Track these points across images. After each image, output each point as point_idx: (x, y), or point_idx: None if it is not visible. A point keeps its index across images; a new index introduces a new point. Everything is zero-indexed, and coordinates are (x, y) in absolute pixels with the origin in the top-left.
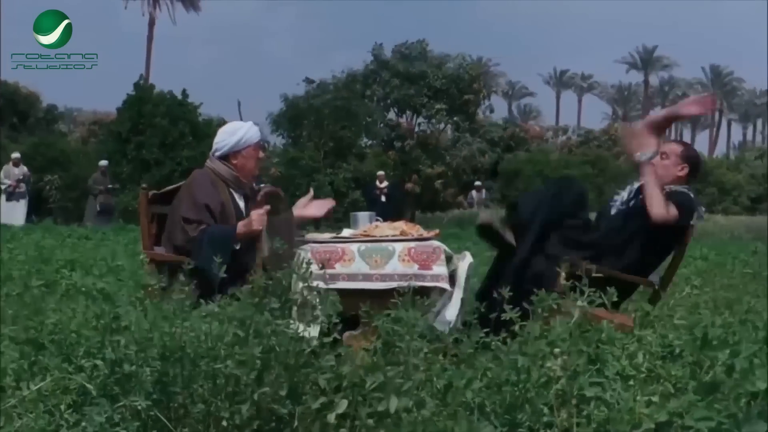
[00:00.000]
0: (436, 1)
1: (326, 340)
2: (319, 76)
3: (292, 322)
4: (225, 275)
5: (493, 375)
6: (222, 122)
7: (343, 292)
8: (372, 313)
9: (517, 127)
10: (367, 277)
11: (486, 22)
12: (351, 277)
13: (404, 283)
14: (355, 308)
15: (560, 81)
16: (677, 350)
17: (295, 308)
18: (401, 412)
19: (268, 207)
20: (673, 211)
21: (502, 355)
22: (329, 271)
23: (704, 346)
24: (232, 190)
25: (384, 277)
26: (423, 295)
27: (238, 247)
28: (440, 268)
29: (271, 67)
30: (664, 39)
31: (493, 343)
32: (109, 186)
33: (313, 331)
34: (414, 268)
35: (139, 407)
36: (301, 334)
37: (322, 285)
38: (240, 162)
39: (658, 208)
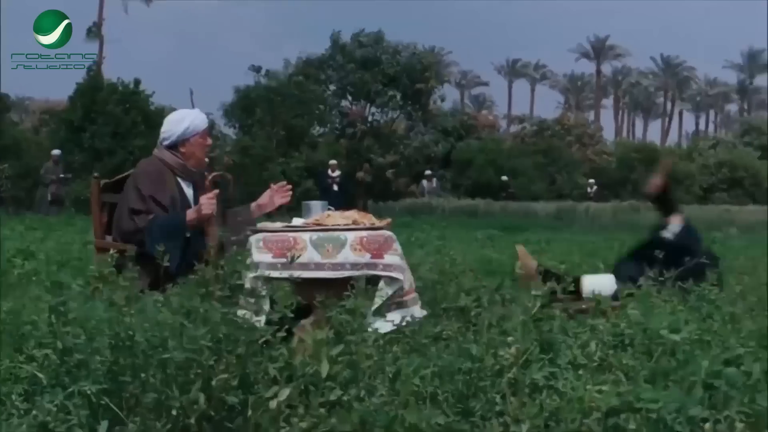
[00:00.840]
0: None
1: (279, 333)
2: (273, 67)
3: (241, 312)
4: (171, 263)
5: (445, 363)
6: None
7: (295, 281)
8: (326, 302)
9: (467, 116)
10: (319, 266)
11: (439, 11)
12: (303, 266)
13: (356, 273)
14: (307, 297)
15: (513, 70)
16: (628, 339)
17: (242, 297)
18: (353, 401)
19: (216, 191)
20: None
21: (454, 343)
22: (281, 260)
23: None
24: (179, 179)
25: (336, 267)
26: (375, 284)
27: (188, 235)
28: (392, 258)
29: (225, 57)
30: (616, 28)
31: (445, 332)
32: (62, 175)
33: (260, 320)
34: (366, 258)
35: (90, 394)
36: (251, 323)
37: (274, 274)
38: (188, 150)
39: None
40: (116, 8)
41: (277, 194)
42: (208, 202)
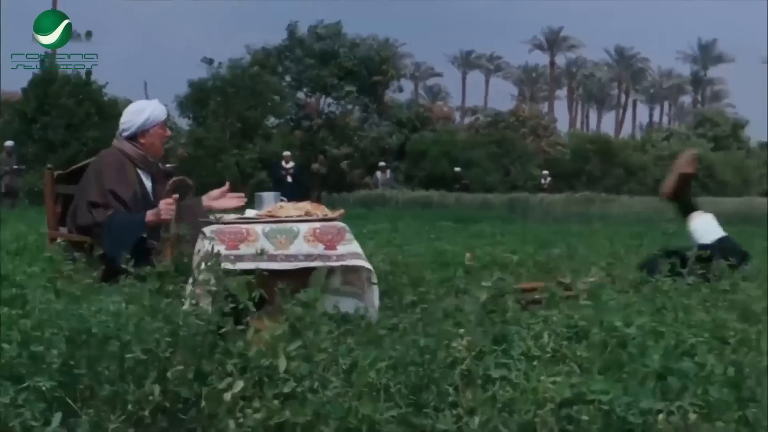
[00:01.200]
0: None
1: (237, 326)
2: (225, 57)
3: (189, 301)
4: (129, 258)
5: (399, 355)
6: (128, 103)
7: (249, 273)
8: (282, 292)
9: (422, 108)
10: (272, 258)
11: (394, 3)
12: (256, 257)
13: (310, 263)
14: (263, 287)
15: (467, 62)
16: (582, 331)
17: (189, 287)
18: (306, 393)
19: (176, 196)
20: None
21: (407, 336)
22: (233, 252)
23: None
24: (139, 170)
25: (289, 258)
26: (329, 275)
27: (145, 235)
28: (345, 247)
29: (179, 49)
30: (570, 20)
31: (401, 324)
32: (15, 167)
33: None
34: (320, 249)
35: (44, 388)
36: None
37: (227, 266)
38: (148, 141)
39: None
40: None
41: (230, 196)
42: (167, 208)
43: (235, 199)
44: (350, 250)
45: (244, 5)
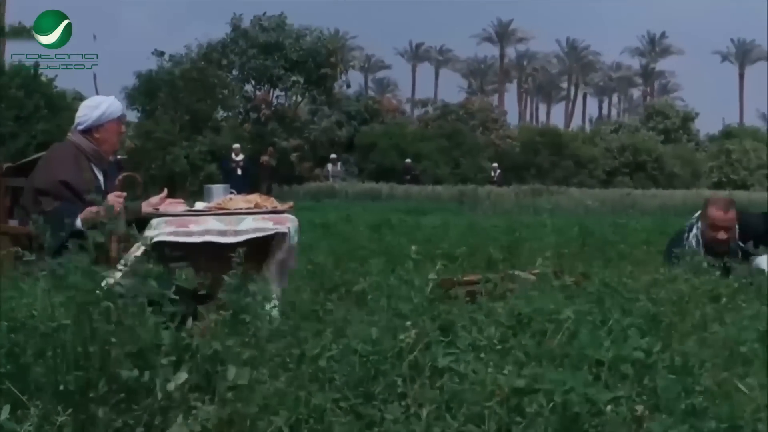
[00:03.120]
0: None
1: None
2: (174, 49)
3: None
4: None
5: (346, 346)
6: (78, 95)
7: (199, 261)
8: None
9: (371, 100)
10: (222, 233)
11: None
12: (206, 232)
13: (260, 234)
14: (209, 282)
15: (416, 54)
16: (525, 320)
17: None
18: (254, 384)
19: (125, 194)
20: None
21: (353, 326)
22: (183, 229)
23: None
24: (93, 165)
25: (239, 233)
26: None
27: (83, 228)
28: (292, 225)
29: (126, 40)
30: (520, 12)
31: (348, 315)
32: None
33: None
34: (269, 224)
35: None
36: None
37: (179, 239)
38: (102, 136)
39: None
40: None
41: (168, 202)
42: (114, 200)
43: (174, 205)
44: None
45: None
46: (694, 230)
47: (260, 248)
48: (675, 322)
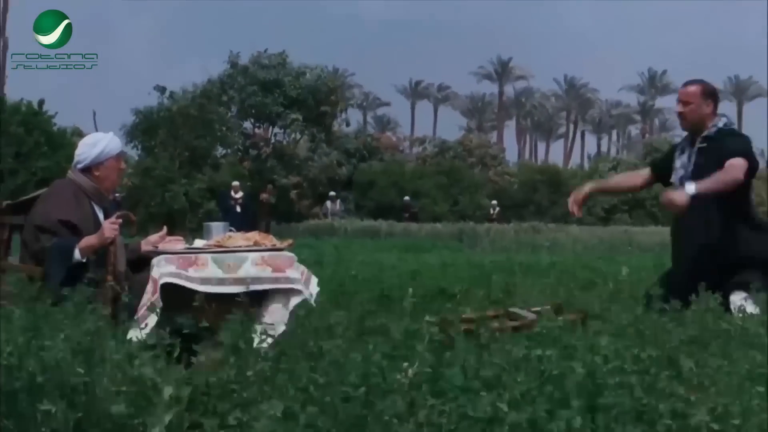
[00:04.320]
0: (289, 11)
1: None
2: (173, 86)
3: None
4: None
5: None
6: (77, 132)
7: (202, 299)
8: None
9: (370, 138)
10: (221, 281)
11: (342, 33)
12: (206, 281)
13: (258, 287)
14: (214, 317)
15: (415, 92)
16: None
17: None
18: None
19: (120, 220)
20: (741, 163)
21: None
22: (184, 271)
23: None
24: (93, 203)
25: (238, 281)
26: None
27: (83, 260)
28: (294, 273)
29: (125, 77)
30: (519, 50)
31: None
32: None
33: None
34: (267, 272)
35: None
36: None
37: (179, 281)
38: (102, 174)
39: (731, 178)
40: (16, 24)
41: (168, 240)
42: (110, 227)
43: (174, 243)
44: (297, 276)
45: (189, 33)
46: None
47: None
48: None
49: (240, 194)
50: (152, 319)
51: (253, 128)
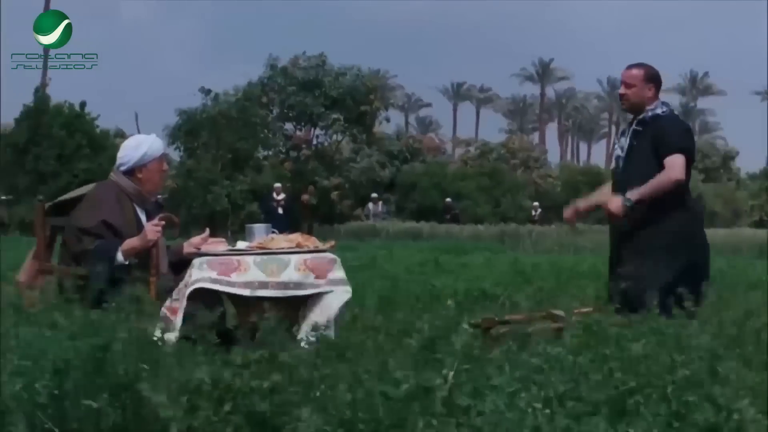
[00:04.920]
0: (332, 12)
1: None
2: (215, 88)
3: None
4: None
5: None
6: (120, 134)
7: (240, 301)
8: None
9: (412, 140)
10: (263, 285)
11: (384, 35)
12: (247, 284)
13: (300, 292)
14: (252, 317)
15: (457, 93)
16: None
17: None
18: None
19: (163, 222)
20: (680, 162)
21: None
22: (225, 277)
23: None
24: (136, 205)
25: (280, 285)
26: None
27: (126, 262)
28: (335, 274)
29: (168, 79)
30: (561, 51)
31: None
32: (2, 197)
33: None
34: (310, 278)
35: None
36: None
37: (219, 288)
38: (145, 176)
39: (672, 181)
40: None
41: (210, 242)
42: (152, 229)
43: (216, 244)
44: (339, 277)
45: (230, 35)
46: None
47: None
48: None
49: (282, 196)
50: (178, 322)
51: (294, 130)
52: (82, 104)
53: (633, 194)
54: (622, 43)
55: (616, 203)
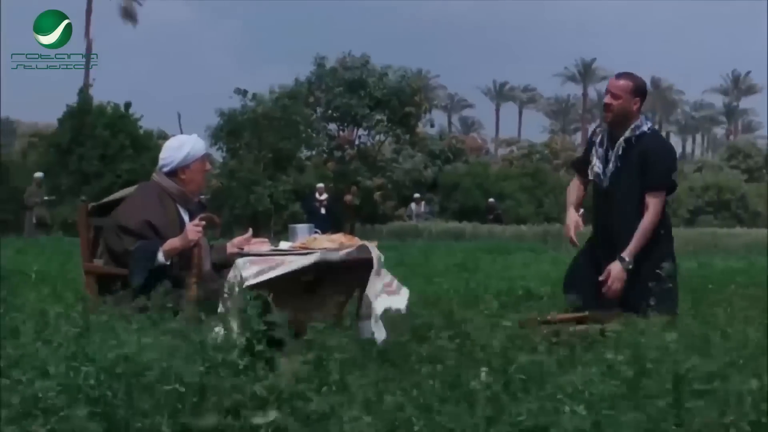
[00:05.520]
0: (375, 14)
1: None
2: (257, 88)
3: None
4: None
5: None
6: (162, 134)
7: (284, 298)
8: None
9: (455, 140)
10: (307, 268)
11: (423, 33)
12: (291, 263)
13: (343, 253)
14: (300, 318)
15: (500, 93)
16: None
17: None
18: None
19: (204, 222)
20: (660, 199)
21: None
22: (267, 265)
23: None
24: (178, 206)
25: (311, 254)
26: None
27: (167, 262)
28: (375, 252)
29: (210, 80)
30: (603, 50)
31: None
32: (45, 198)
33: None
34: (353, 254)
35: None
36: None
37: (264, 278)
38: (188, 176)
39: (653, 223)
40: (101, 29)
41: (253, 242)
42: (193, 229)
43: (259, 244)
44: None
45: (272, 36)
46: None
47: (347, 286)
48: None
49: (325, 196)
50: (234, 324)
51: (337, 130)
52: (127, 105)
53: (628, 254)
54: (664, 42)
55: (618, 274)
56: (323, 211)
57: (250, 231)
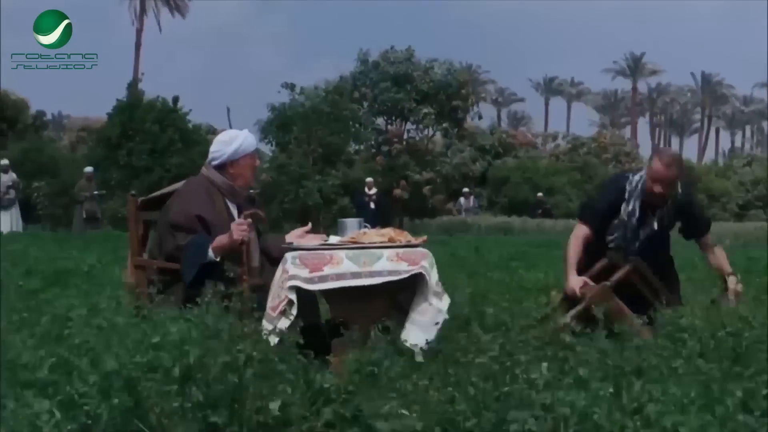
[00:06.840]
0: (424, 8)
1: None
2: (304, 83)
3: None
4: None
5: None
6: (211, 129)
7: (333, 295)
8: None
9: (505, 134)
10: (356, 275)
11: (473, 28)
12: (340, 276)
13: (395, 278)
14: (345, 314)
15: (549, 88)
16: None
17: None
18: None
19: (249, 221)
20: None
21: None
22: (317, 274)
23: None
24: (227, 200)
25: (373, 274)
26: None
27: (217, 259)
28: (427, 261)
29: (259, 74)
30: (653, 45)
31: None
32: (95, 192)
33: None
34: (403, 266)
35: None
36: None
37: (311, 287)
38: (237, 171)
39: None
40: (151, 24)
41: (311, 236)
42: (238, 228)
43: (317, 239)
44: (430, 264)
45: (318, 32)
46: (643, 172)
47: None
48: None
49: (374, 190)
50: (284, 323)
51: (385, 124)
52: (175, 99)
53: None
54: (714, 36)
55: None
56: (372, 205)
57: (309, 224)
